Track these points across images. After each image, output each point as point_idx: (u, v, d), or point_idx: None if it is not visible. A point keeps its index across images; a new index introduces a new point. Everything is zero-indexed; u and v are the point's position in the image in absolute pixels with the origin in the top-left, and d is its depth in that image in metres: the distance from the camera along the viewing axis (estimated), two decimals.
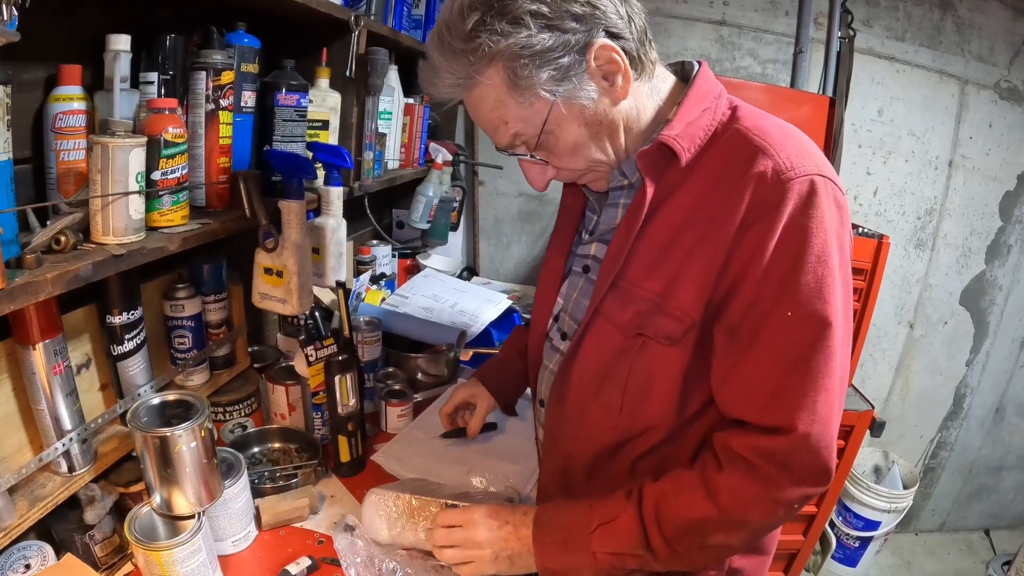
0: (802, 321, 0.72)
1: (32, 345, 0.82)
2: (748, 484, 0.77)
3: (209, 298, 1.21)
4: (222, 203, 1.07)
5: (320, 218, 1.28)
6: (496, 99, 0.76)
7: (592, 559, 0.83)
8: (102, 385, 1.02)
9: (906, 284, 2.44)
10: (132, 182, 0.81)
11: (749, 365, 0.76)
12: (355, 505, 1.15)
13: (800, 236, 0.72)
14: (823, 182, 0.73)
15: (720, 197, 0.75)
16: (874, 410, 1.86)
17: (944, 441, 2.67)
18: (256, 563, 1.00)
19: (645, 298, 0.80)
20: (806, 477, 0.76)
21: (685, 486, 0.81)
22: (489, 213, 2.59)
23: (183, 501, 0.88)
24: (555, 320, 1.00)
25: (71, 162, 0.82)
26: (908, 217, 2.36)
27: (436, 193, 2.02)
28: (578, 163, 0.83)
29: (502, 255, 2.65)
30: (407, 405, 1.44)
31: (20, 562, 0.84)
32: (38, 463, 0.85)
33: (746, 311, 0.75)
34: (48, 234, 0.74)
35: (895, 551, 2.62)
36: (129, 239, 0.83)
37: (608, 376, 0.85)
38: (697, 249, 0.76)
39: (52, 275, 0.70)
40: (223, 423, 1.29)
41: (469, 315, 1.89)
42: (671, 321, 0.78)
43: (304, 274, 1.12)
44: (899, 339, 2.52)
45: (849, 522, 2.40)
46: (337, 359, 1.17)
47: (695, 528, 0.80)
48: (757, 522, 0.79)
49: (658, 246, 0.80)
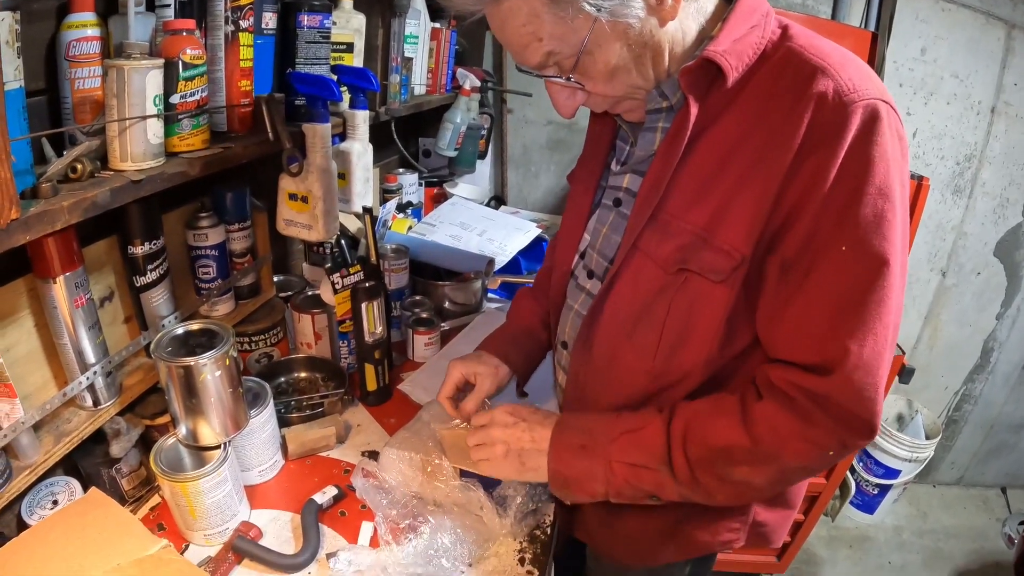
0: (858, 258, 0.67)
1: (52, 278, 0.80)
2: (785, 417, 0.73)
3: (233, 227, 1.18)
4: (244, 128, 1.03)
5: (346, 143, 1.24)
6: (531, 12, 0.67)
7: (607, 469, 0.80)
8: (126, 318, 1.01)
9: (941, 231, 2.35)
10: (149, 105, 0.77)
11: (799, 303, 0.71)
12: (382, 434, 1.15)
13: (862, 165, 0.65)
14: (886, 109, 0.66)
15: (773, 121, 0.68)
16: (904, 356, 1.82)
17: (968, 394, 2.63)
18: (282, 493, 1.01)
19: (688, 232, 0.74)
20: (846, 424, 0.72)
21: (721, 409, 0.78)
22: (517, 142, 2.51)
23: (208, 431, 0.88)
24: (581, 257, 0.94)
25: (87, 90, 0.78)
26: (947, 162, 2.25)
27: (464, 120, 1.97)
28: (615, 88, 0.75)
29: (530, 184, 2.59)
30: (434, 334, 1.42)
31: (48, 498, 0.85)
32: (62, 398, 0.85)
33: (803, 245, 0.69)
34: (63, 162, 0.72)
35: (912, 501, 2.63)
36: (148, 164, 0.80)
37: (644, 316, 0.80)
38: (747, 178, 0.70)
39: (68, 203, 0.68)
40: (249, 353, 1.29)
41: (497, 243, 1.85)
42: (719, 256, 0.72)
43: (330, 199, 1.09)
44: (930, 287, 2.45)
45: (869, 468, 2.40)
46: (364, 286, 1.14)
47: (722, 455, 0.76)
48: (787, 461, 0.75)
49: (701, 175, 0.73)
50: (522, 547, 0.93)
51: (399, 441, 1.05)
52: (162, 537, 0.88)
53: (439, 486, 0.95)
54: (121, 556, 0.61)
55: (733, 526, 0.93)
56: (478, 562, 0.90)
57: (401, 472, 0.97)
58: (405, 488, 0.96)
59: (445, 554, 0.86)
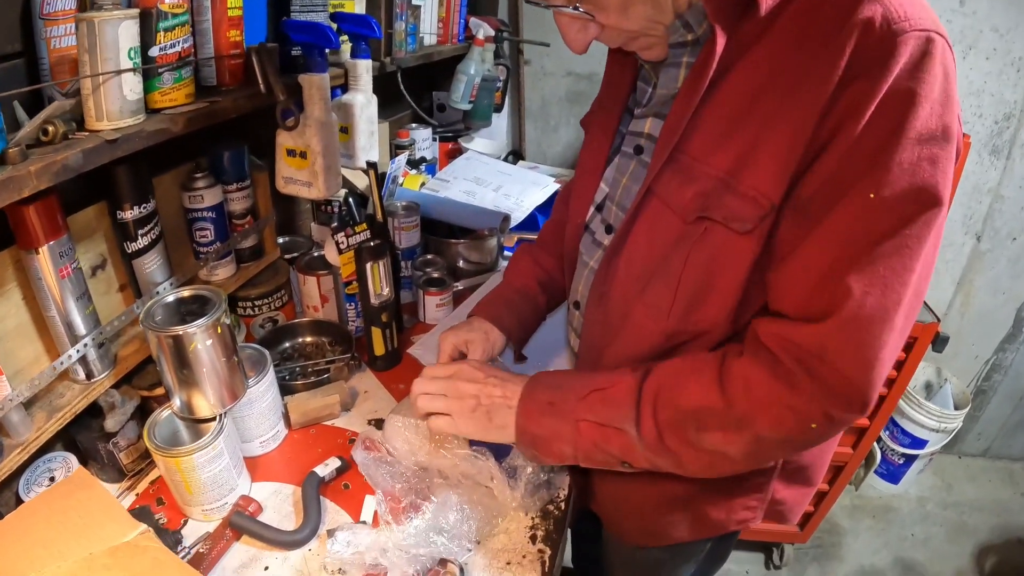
0: (887, 209, 0.58)
1: (35, 249, 0.76)
2: (764, 378, 0.65)
3: (231, 187, 1.13)
4: (235, 81, 0.97)
5: (348, 94, 1.18)
6: None
7: (575, 429, 0.75)
8: (120, 286, 0.97)
9: (977, 192, 2.22)
10: (124, 59, 0.71)
11: (806, 248, 0.62)
12: (390, 401, 1.11)
13: (904, 104, 0.56)
14: (941, 44, 0.57)
15: (810, 52, 0.59)
16: (939, 323, 1.73)
17: (999, 364, 2.53)
18: (285, 465, 0.98)
19: (710, 176, 0.67)
20: (833, 391, 0.62)
21: (700, 368, 0.71)
22: (535, 94, 2.41)
23: (204, 403, 0.84)
24: (598, 210, 0.87)
25: (63, 49, 0.73)
26: (985, 120, 2.11)
27: (478, 71, 1.89)
28: (631, 21, 0.67)
29: (549, 139, 2.50)
30: (447, 294, 1.35)
31: (45, 475, 0.84)
32: (52, 372, 0.82)
33: (823, 184, 0.61)
34: (32, 125, 0.67)
35: (937, 472, 2.58)
36: (126, 123, 0.74)
37: (659, 271, 0.73)
38: (779, 116, 0.61)
39: (36, 167, 0.63)
40: (252, 318, 1.25)
41: (513, 199, 1.78)
42: (744, 203, 0.65)
43: (330, 154, 1.03)
44: (964, 251, 2.33)
45: (896, 438, 2.34)
46: (368, 245, 1.09)
47: (692, 418, 0.69)
48: (762, 429, 0.67)
49: (728, 114, 0.65)
50: (534, 523, 0.89)
51: (405, 408, 0.99)
52: (161, 512, 0.87)
53: (446, 455, 0.90)
54: (98, 543, 0.59)
55: (750, 503, 0.87)
56: (486, 539, 0.86)
57: (407, 440, 0.93)
58: (410, 458, 0.92)
59: (449, 532, 0.82)
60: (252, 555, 0.82)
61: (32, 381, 0.79)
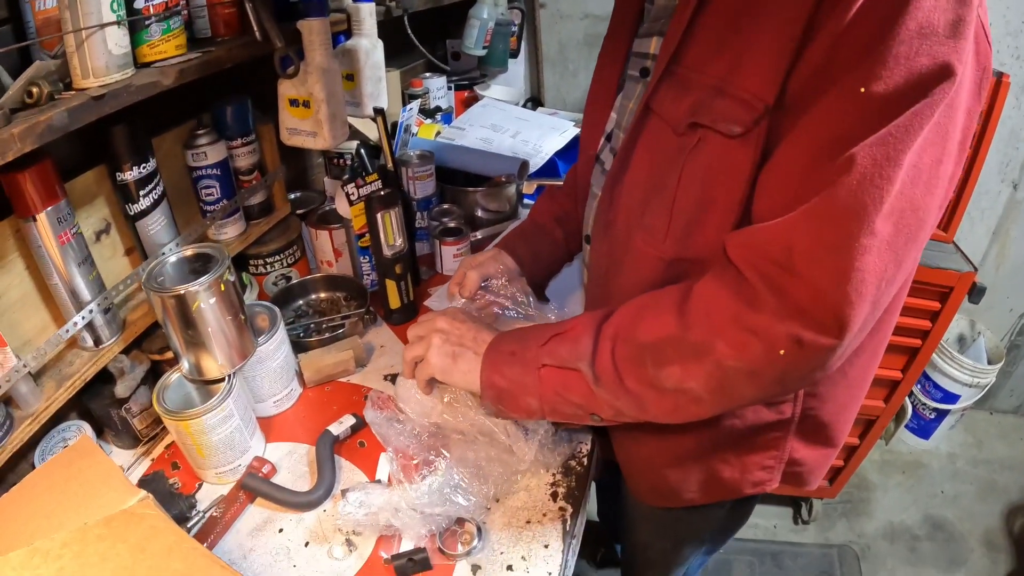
0: (875, 103, 0.52)
1: (33, 216, 0.74)
2: (724, 296, 0.60)
3: (235, 142, 1.10)
4: (231, 31, 0.93)
5: (352, 40, 1.13)
6: None
7: (537, 378, 0.71)
8: (127, 249, 0.95)
9: (1014, 138, 2.08)
10: (107, 12, 0.67)
11: (787, 145, 0.57)
12: None
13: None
14: None
15: None
16: (976, 273, 1.64)
17: None
18: (300, 424, 0.97)
19: (705, 84, 0.62)
20: (800, 307, 0.56)
21: (659, 298, 0.67)
22: (552, 39, 2.31)
23: (212, 364, 0.83)
24: (607, 140, 0.83)
25: (48, 11, 0.70)
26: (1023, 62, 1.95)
27: (491, 15, 1.81)
28: None
29: (568, 84, 2.40)
30: (464, 244, 1.32)
31: (60, 444, 0.84)
32: (58, 340, 0.81)
33: (809, 76, 0.55)
34: (15, 87, 0.64)
35: (968, 428, 2.51)
36: (114, 78, 0.71)
37: (656, 190, 0.68)
38: (771, 14, 0.56)
39: (19, 130, 0.60)
40: (265, 276, 1.24)
41: (532, 144, 1.71)
42: (735, 105, 0.59)
43: (334, 101, 0.99)
44: (1000, 199, 2.21)
45: (928, 392, 2.28)
46: (379, 195, 1.06)
47: (651, 351, 0.64)
48: (722, 356, 0.60)
49: (726, 18, 0.60)
50: (555, 480, 0.87)
51: None
52: (176, 477, 0.87)
53: (462, 410, 0.87)
54: (96, 511, 0.59)
55: (766, 463, 0.82)
56: (505, 497, 0.84)
57: (419, 402, 0.90)
58: (424, 417, 0.90)
59: (466, 490, 0.81)
60: (266, 517, 0.83)
61: (38, 350, 0.78)
